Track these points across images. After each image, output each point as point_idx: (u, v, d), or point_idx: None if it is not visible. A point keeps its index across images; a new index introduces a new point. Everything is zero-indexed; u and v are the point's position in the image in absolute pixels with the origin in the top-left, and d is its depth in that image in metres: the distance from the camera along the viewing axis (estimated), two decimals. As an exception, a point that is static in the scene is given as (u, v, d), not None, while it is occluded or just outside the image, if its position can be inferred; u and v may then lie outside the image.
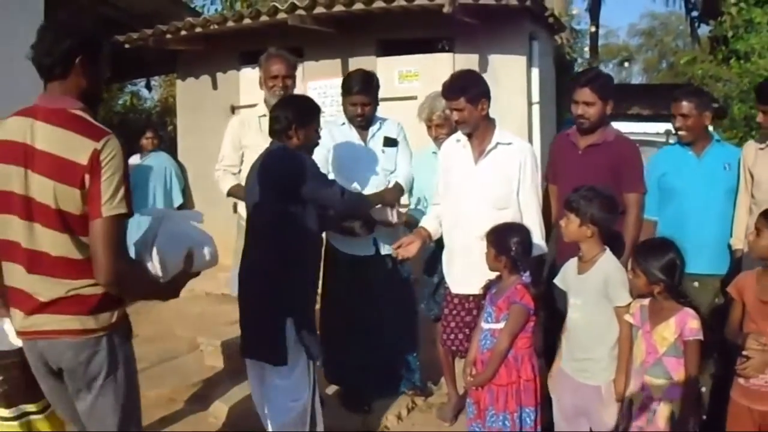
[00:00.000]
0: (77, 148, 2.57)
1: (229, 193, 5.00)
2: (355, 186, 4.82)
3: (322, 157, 4.80)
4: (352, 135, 4.98)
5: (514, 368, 3.82)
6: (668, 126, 4.53)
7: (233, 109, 8.21)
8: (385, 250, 4.91)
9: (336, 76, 7.37)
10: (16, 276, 2.72)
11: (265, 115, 4.99)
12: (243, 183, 4.85)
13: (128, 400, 2.84)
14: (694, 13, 19.86)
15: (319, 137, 4.19)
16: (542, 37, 7.91)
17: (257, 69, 5.15)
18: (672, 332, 3.39)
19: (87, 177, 2.56)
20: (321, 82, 7.71)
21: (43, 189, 2.59)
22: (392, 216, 4.81)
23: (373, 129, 5.03)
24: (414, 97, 6.79)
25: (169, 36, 7.84)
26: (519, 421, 3.82)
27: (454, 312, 4.50)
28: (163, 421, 4.94)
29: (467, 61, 7.13)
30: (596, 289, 3.67)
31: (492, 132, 4.37)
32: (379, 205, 4.80)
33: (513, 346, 3.81)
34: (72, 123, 2.62)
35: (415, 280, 5.26)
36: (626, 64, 41.10)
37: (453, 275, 4.51)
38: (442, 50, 7.79)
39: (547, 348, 4.27)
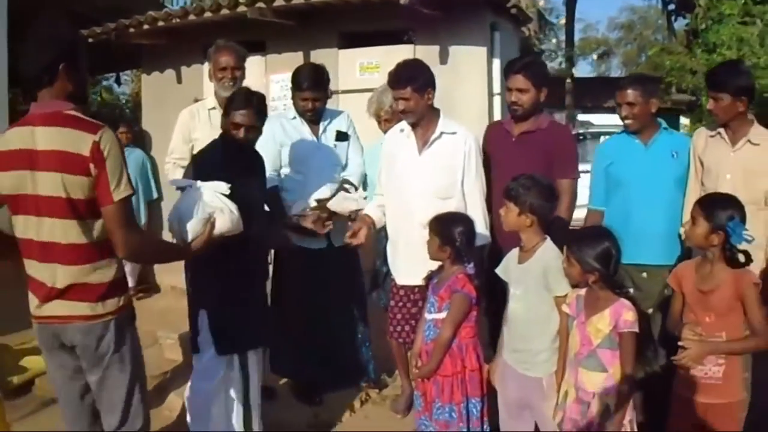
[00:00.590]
0: (78, 142, 2.81)
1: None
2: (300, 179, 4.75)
3: (274, 151, 4.73)
4: (303, 129, 4.85)
5: (458, 358, 3.71)
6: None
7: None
8: (337, 242, 4.77)
9: (298, 69, 7.26)
10: (32, 267, 2.99)
11: (214, 108, 4.91)
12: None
13: (134, 374, 3.12)
14: (671, 7, 19.80)
15: (237, 130, 3.83)
16: (505, 27, 7.76)
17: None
18: (606, 324, 3.25)
19: (92, 166, 2.82)
20: (283, 75, 7.45)
21: (51, 183, 2.84)
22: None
23: (324, 123, 4.90)
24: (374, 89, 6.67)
25: (131, 30, 7.70)
26: (466, 413, 3.71)
27: (401, 304, 4.42)
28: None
29: (428, 52, 6.99)
30: (536, 278, 3.55)
31: (436, 122, 4.27)
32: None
33: (456, 335, 3.70)
34: (69, 121, 2.85)
35: (366, 271, 5.16)
36: (594, 57, 41.02)
37: (398, 266, 4.42)
38: (408, 42, 7.65)
39: (496, 339, 4.16)
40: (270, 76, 7.74)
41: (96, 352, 3.00)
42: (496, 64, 7.37)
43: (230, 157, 3.82)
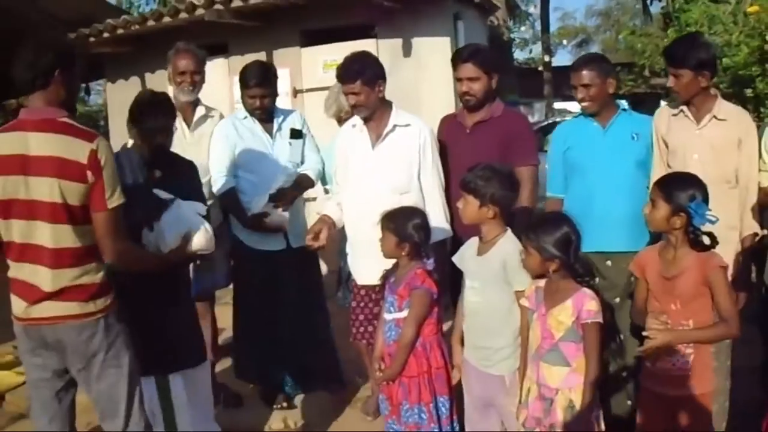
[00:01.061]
0: (75, 150, 2.82)
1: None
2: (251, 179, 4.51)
3: (228, 153, 4.52)
4: (256, 129, 4.61)
5: (423, 357, 3.48)
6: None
7: (163, 109, 7.81)
8: (295, 243, 4.53)
9: (262, 69, 7.05)
10: (22, 270, 2.94)
11: None
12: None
13: (131, 373, 3.11)
14: (646, -9, 19.62)
15: (157, 139, 3.55)
16: (470, 17, 7.58)
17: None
18: (569, 315, 3.01)
19: (89, 173, 2.83)
20: (247, 76, 7.34)
21: (46, 188, 2.83)
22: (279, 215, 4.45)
23: (277, 121, 4.67)
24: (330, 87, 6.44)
25: (92, 39, 7.46)
26: (435, 412, 3.49)
27: (362, 304, 4.22)
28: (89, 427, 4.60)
29: (391, 46, 6.81)
30: (494, 272, 3.31)
31: (389, 114, 4.06)
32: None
33: (420, 333, 3.48)
34: (64, 129, 2.85)
35: (332, 272, 4.95)
36: (564, 42, 40.71)
37: (357, 266, 4.21)
38: (372, 37, 7.42)
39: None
40: (233, 78, 7.45)
41: (87, 351, 2.98)
42: (461, 54, 7.16)
43: (148, 165, 3.56)
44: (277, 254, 4.54)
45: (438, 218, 3.95)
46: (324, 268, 5.75)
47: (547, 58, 20.37)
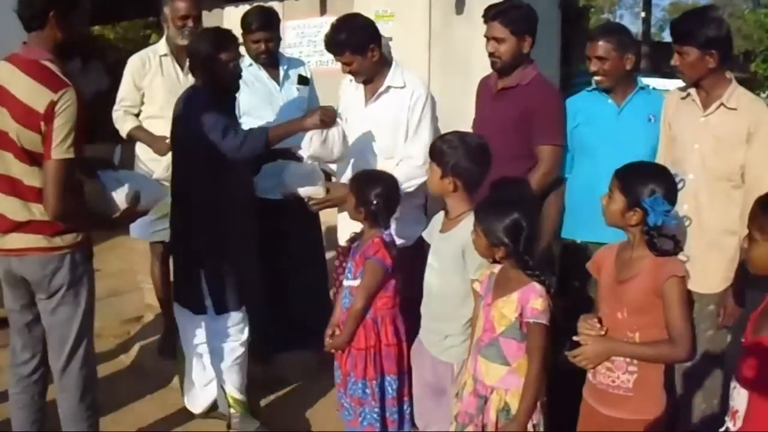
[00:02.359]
0: (37, 98, 2.74)
1: (129, 135, 4.48)
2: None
3: None
4: (262, 75, 4.35)
5: (372, 331, 3.19)
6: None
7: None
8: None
9: (314, 16, 6.78)
10: None
11: (166, 55, 4.49)
12: (144, 124, 4.47)
13: (86, 312, 3.06)
14: (756, -27, 18.28)
15: (233, 70, 3.59)
16: (535, -24, 6.92)
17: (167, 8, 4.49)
18: (512, 309, 2.58)
19: (42, 124, 2.73)
20: (299, 22, 6.99)
21: (9, 126, 2.79)
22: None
23: (283, 67, 4.39)
24: (389, 39, 6.00)
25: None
26: (380, 390, 3.19)
27: (343, 265, 3.86)
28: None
29: (443, 2, 6.27)
30: (453, 253, 2.92)
31: (386, 74, 3.67)
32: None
33: (372, 306, 3.18)
34: (39, 73, 2.78)
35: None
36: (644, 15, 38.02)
37: (341, 226, 3.88)
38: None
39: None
40: (286, 22, 7.14)
41: (50, 285, 2.95)
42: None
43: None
44: (274, 203, 4.21)
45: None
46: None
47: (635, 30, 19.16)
